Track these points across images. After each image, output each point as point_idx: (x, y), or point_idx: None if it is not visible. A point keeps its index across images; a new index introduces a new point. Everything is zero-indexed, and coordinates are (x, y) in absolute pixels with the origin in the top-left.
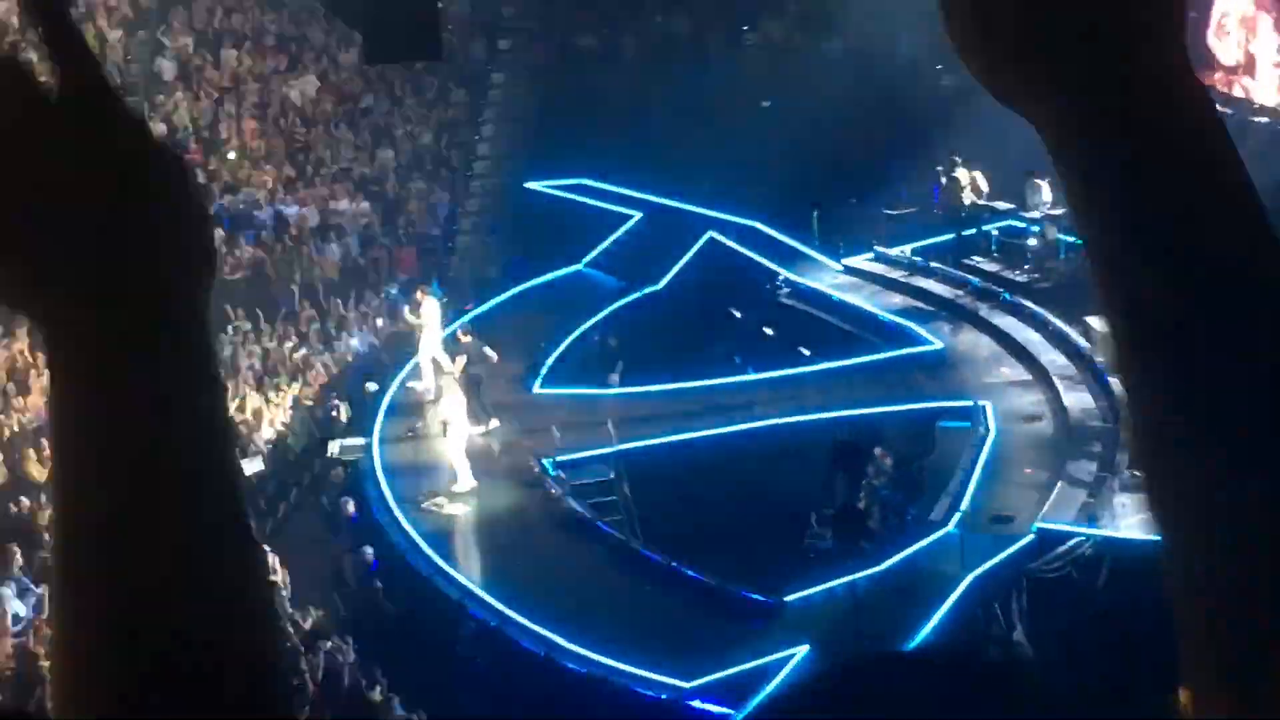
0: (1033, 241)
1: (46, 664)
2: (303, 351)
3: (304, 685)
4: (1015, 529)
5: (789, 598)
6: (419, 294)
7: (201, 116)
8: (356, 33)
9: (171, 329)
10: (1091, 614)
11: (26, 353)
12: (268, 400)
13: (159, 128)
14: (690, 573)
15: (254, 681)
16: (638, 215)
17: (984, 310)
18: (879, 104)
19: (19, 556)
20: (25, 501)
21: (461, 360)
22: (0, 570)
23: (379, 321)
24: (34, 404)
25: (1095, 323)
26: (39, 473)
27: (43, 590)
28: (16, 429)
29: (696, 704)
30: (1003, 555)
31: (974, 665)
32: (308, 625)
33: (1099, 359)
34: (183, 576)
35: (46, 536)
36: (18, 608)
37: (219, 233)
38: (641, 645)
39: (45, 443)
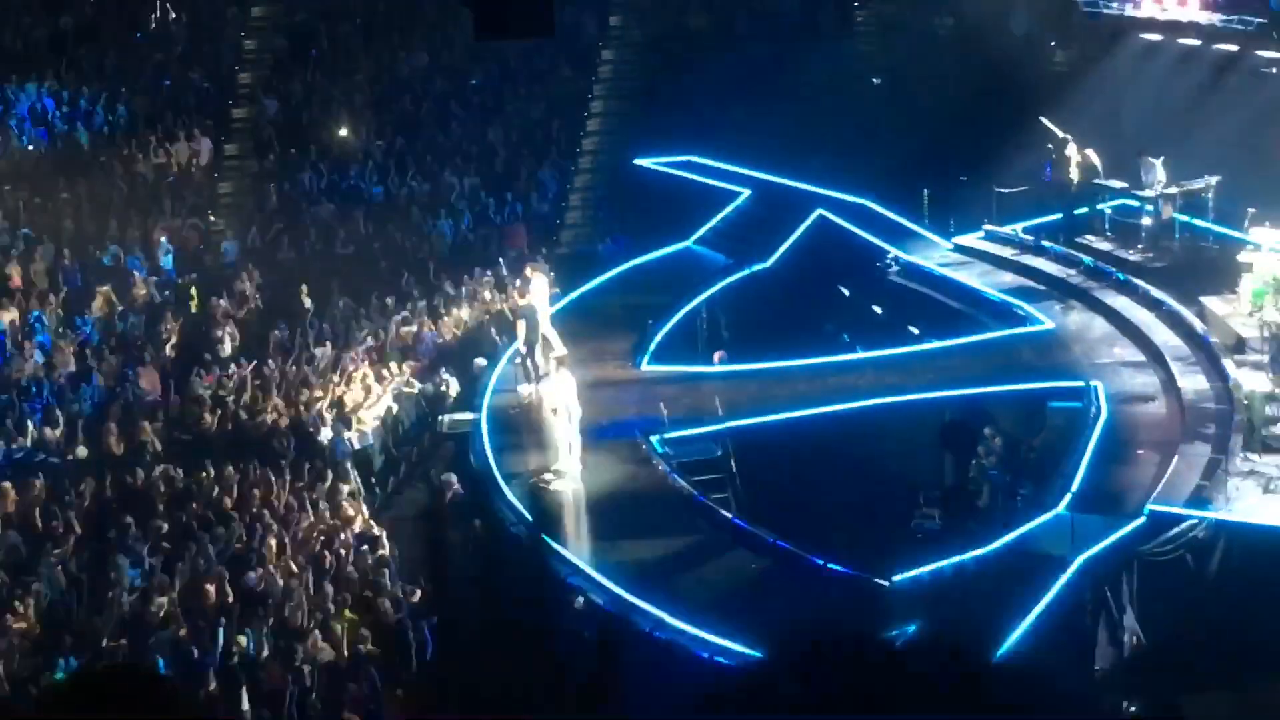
0: (1147, 221)
1: (158, 630)
2: (412, 327)
3: (410, 658)
4: (1127, 512)
5: (896, 578)
6: (528, 270)
7: (315, 92)
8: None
9: None
10: (1204, 598)
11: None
12: (378, 375)
13: (272, 104)
14: (797, 551)
15: None
16: (746, 192)
17: (1096, 290)
18: (990, 80)
19: (134, 525)
20: (140, 472)
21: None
22: (117, 538)
23: (488, 297)
24: (149, 378)
25: (1210, 303)
26: (154, 443)
27: (155, 558)
28: (132, 399)
29: None
30: (1114, 538)
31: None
32: (415, 599)
33: (1213, 340)
34: None
35: (161, 506)
36: (133, 575)
37: (329, 208)
38: (747, 622)
39: (161, 414)
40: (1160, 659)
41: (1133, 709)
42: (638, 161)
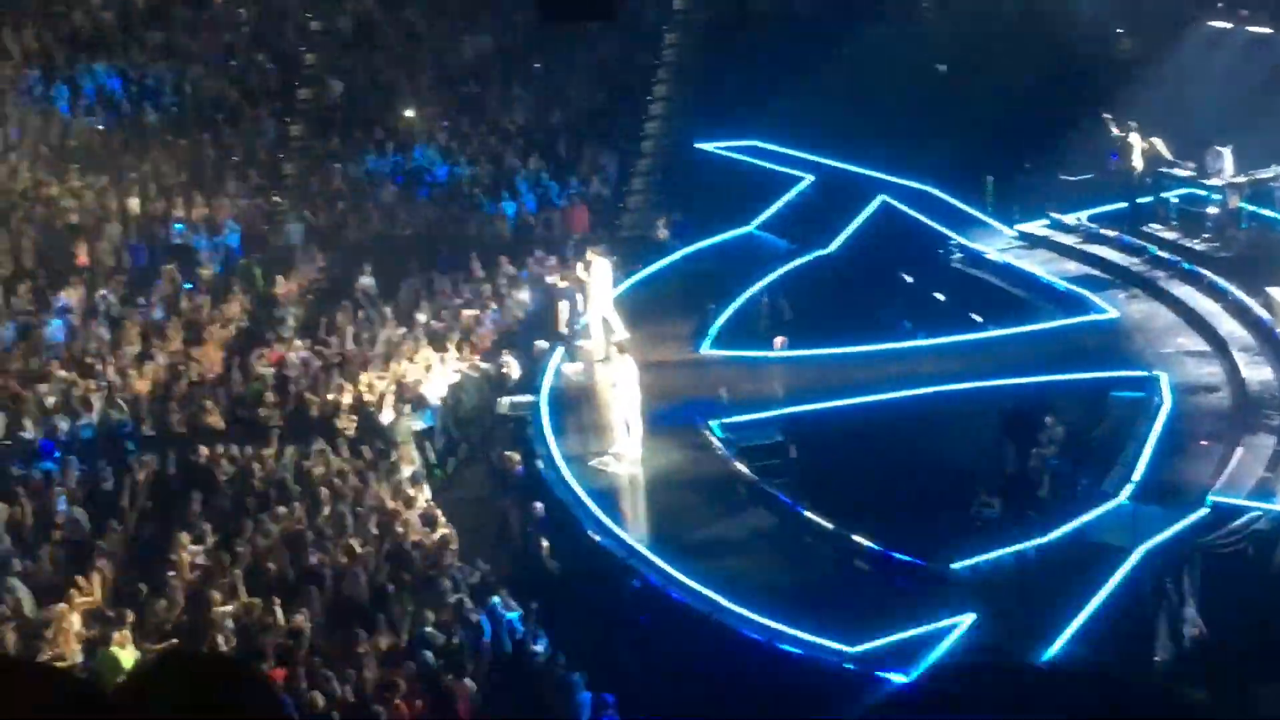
0: (1213, 210)
1: (221, 609)
2: (474, 309)
3: (469, 639)
4: (1189, 502)
5: (956, 565)
6: (590, 254)
7: (380, 74)
8: None
9: None
10: (1266, 590)
11: (207, 307)
12: (440, 356)
13: (337, 85)
14: (856, 538)
15: None
16: (809, 178)
17: (1161, 279)
18: (1056, 67)
19: (197, 503)
20: (204, 450)
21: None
22: (180, 516)
23: (549, 280)
24: (211, 355)
25: (1276, 294)
26: (217, 422)
27: (217, 536)
28: (195, 378)
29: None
30: (1176, 529)
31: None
32: (474, 580)
33: (1279, 330)
34: None
35: (223, 484)
36: (195, 553)
37: (393, 189)
38: (805, 608)
39: (223, 393)
40: (1221, 651)
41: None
42: (700, 145)
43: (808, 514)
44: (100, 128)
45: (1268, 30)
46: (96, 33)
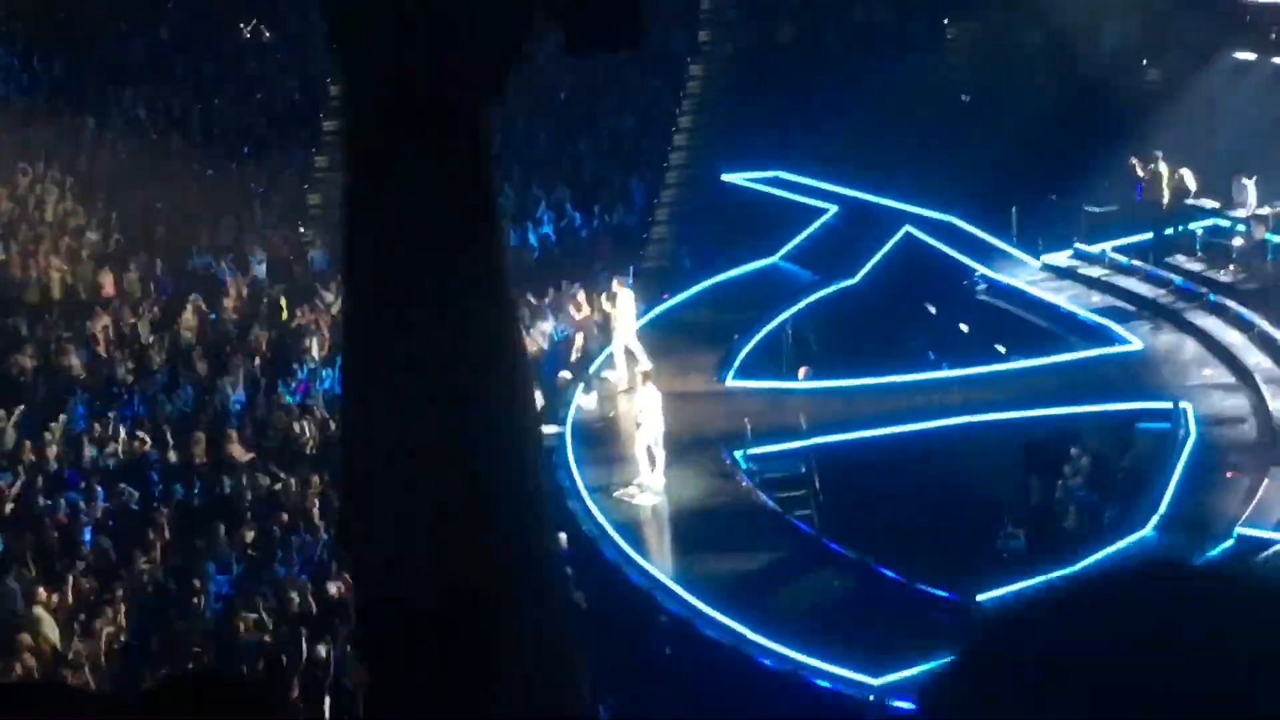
0: (1238, 241)
1: (245, 637)
2: None
3: None
4: (1216, 534)
5: (980, 598)
6: (615, 284)
7: None
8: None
9: None
10: None
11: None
12: None
13: None
14: (880, 569)
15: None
16: (833, 209)
17: (1186, 310)
18: (1081, 98)
19: (222, 532)
20: (227, 482)
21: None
22: (205, 546)
23: (573, 311)
24: (238, 386)
25: None
26: (240, 454)
27: (241, 568)
28: (220, 409)
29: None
30: (1204, 560)
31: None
32: None
33: None
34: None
35: (249, 515)
36: (220, 584)
37: None
38: (829, 640)
39: (246, 423)
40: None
41: None
42: (725, 176)
43: (830, 543)
44: (126, 157)
45: None
46: (125, 62)
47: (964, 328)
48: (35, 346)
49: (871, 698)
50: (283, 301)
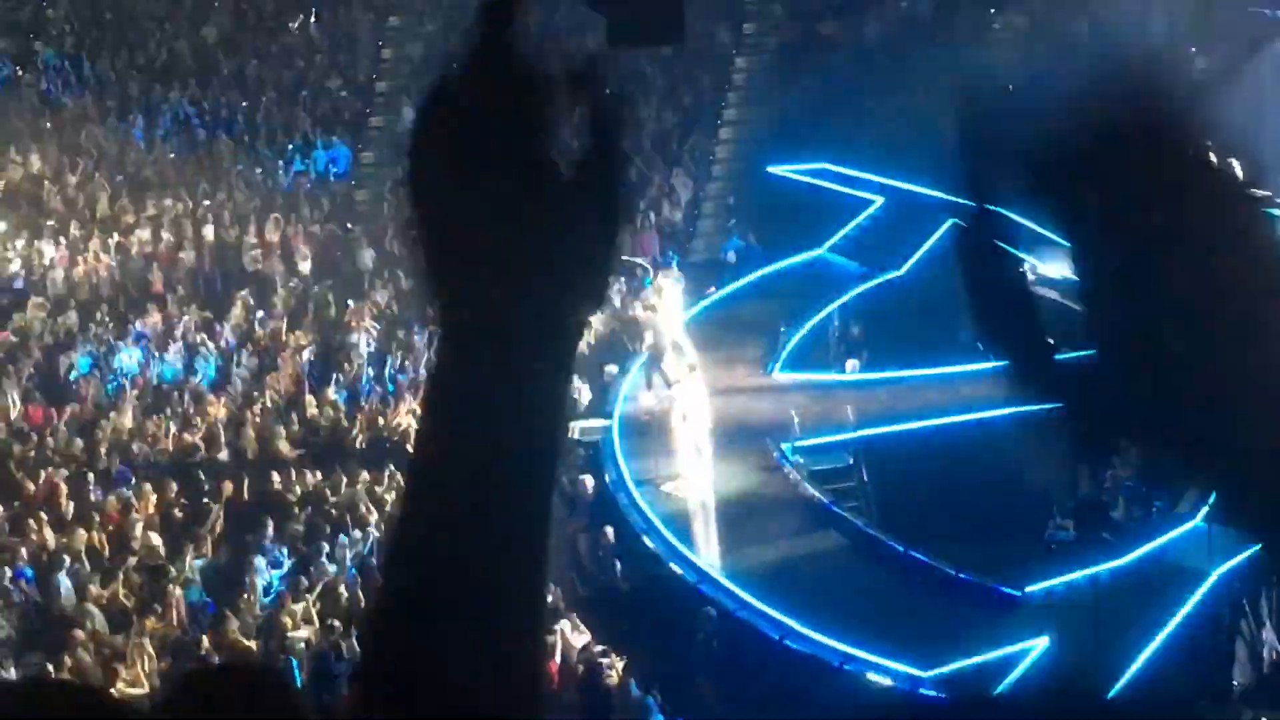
0: None
1: (293, 633)
2: None
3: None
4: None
5: (1029, 588)
6: (660, 278)
7: None
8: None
9: None
10: None
11: (284, 332)
12: None
13: (408, 113)
14: (929, 561)
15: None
16: (880, 200)
17: None
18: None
19: (271, 528)
20: (276, 476)
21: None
22: (253, 540)
23: (619, 304)
24: (284, 383)
25: None
26: (288, 449)
27: (291, 561)
28: (269, 405)
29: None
30: (1253, 550)
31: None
32: (546, 602)
33: None
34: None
35: (296, 510)
36: (269, 578)
37: None
38: (878, 632)
39: (297, 418)
40: None
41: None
42: (770, 169)
43: (878, 535)
44: (174, 156)
45: None
46: (171, 62)
47: None
48: (85, 344)
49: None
50: (330, 298)
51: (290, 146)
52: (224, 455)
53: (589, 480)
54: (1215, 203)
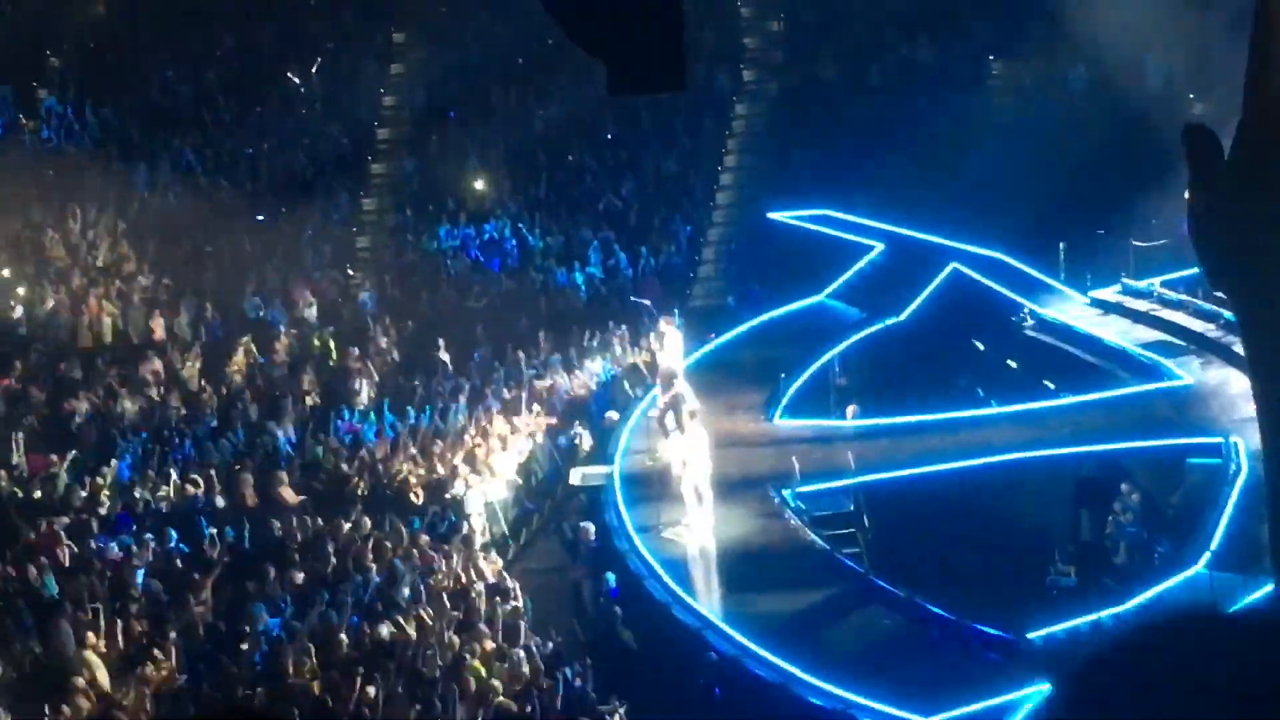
0: None
1: (293, 680)
2: (546, 380)
3: (542, 711)
4: (1268, 570)
5: (1032, 635)
6: (662, 323)
7: (452, 146)
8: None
9: None
10: None
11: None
12: (512, 427)
13: (410, 160)
14: (931, 607)
15: None
16: (880, 246)
17: (1236, 344)
18: (1127, 133)
19: (272, 575)
20: (277, 524)
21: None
22: (255, 588)
23: (620, 351)
24: (287, 429)
25: None
26: (290, 496)
27: (292, 610)
28: (270, 452)
29: None
30: (1255, 596)
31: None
32: (548, 649)
33: None
34: None
35: (297, 557)
36: (270, 624)
37: (465, 261)
38: (880, 678)
39: (298, 465)
40: None
41: None
42: (771, 215)
43: (880, 582)
44: (175, 202)
45: None
46: (174, 108)
47: (1012, 364)
48: (87, 391)
49: None
50: (332, 344)
51: (293, 193)
52: (223, 502)
53: (590, 527)
54: None
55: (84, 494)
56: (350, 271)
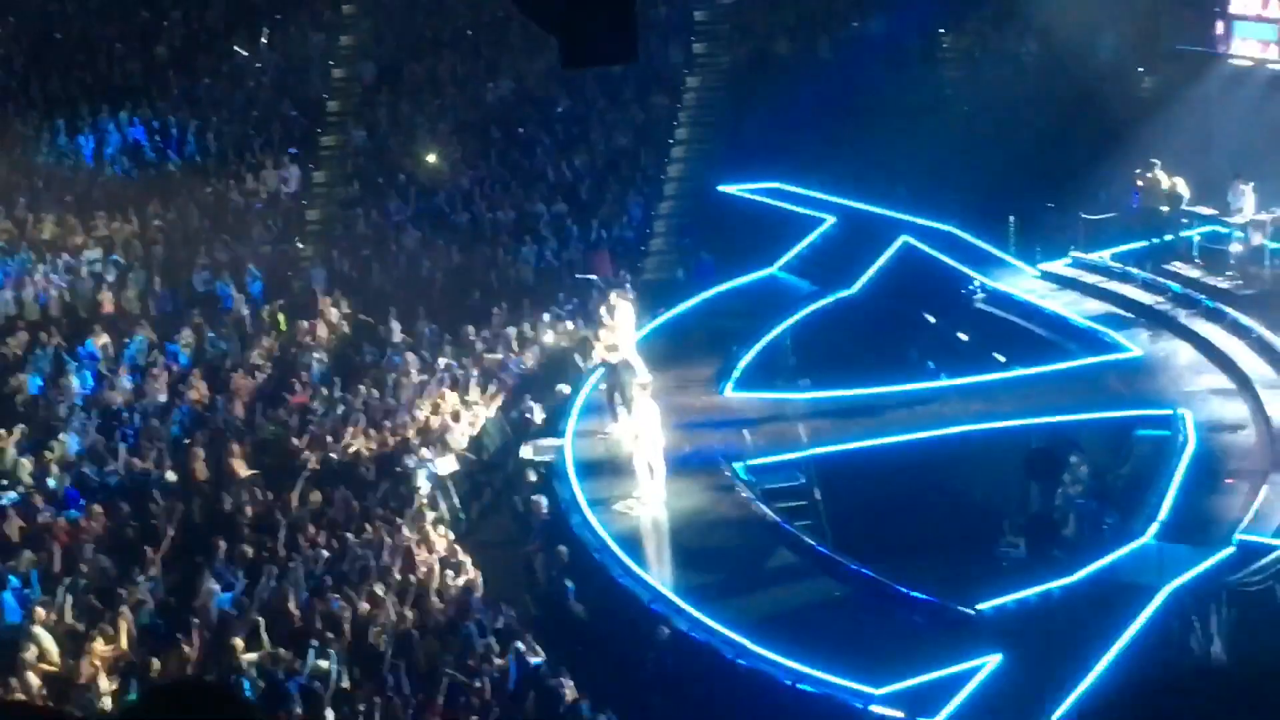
0: (1236, 247)
1: (245, 656)
2: (497, 354)
3: (494, 684)
4: (1216, 541)
5: (981, 606)
6: (613, 297)
7: (402, 119)
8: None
9: None
10: None
11: (233, 353)
12: (464, 401)
13: (360, 133)
14: (881, 578)
15: None
16: (831, 219)
17: (1184, 317)
18: (1077, 107)
19: (222, 549)
20: (228, 498)
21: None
22: (205, 562)
23: (571, 325)
24: (238, 403)
25: None
26: (241, 469)
27: (242, 585)
28: (221, 426)
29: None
30: (1202, 567)
31: None
32: (499, 624)
33: None
34: None
35: (248, 530)
36: (221, 599)
37: (416, 235)
38: (831, 651)
39: (248, 439)
40: (1249, 690)
41: None
42: (722, 188)
43: (831, 554)
44: (123, 176)
45: None
46: (122, 82)
47: (963, 337)
48: (34, 366)
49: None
50: (281, 318)
51: (242, 166)
52: (174, 476)
53: (542, 500)
54: None
55: (31, 469)
56: (300, 245)
